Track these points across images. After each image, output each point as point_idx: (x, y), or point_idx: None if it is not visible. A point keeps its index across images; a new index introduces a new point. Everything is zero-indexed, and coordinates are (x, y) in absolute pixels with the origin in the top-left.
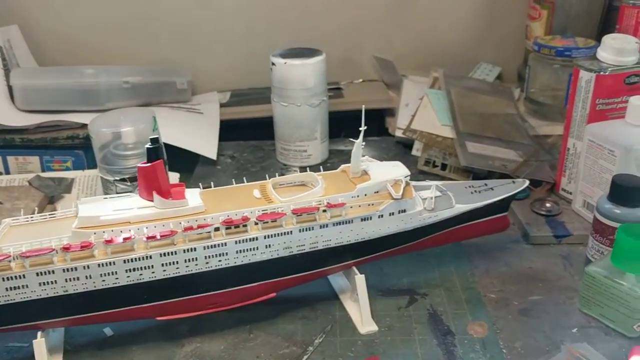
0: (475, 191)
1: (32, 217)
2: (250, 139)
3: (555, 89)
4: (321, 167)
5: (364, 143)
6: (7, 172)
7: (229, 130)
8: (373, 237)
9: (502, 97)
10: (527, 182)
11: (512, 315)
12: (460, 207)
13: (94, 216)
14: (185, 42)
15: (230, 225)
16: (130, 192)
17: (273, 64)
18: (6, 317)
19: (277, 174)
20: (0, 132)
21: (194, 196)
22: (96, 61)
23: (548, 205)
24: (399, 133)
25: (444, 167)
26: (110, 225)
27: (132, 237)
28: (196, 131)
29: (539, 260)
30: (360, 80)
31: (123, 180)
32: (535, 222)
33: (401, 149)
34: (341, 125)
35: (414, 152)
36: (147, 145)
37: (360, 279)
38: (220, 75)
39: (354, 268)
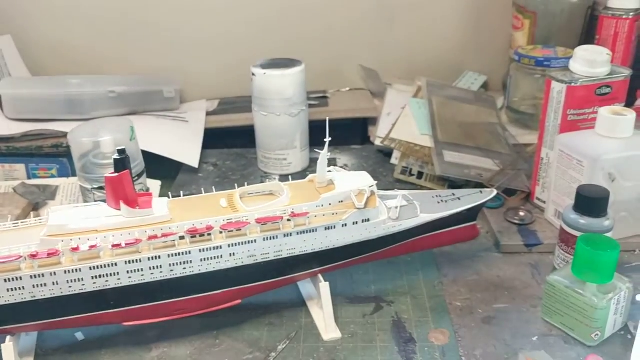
0: (442, 201)
1: (4, 225)
2: (235, 147)
3: (536, 98)
4: (289, 177)
5: (329, 153)
6: None
7: (215, 138)
8: (337, 246)
9: (484, 106)
10: (495, 192)
11: (475, 323)
12: (424, 217)
13: (62, 224)
14: (176, 50)
15: (194, 234)
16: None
17: (253, 74)
18: None
19: (246, 183)
20: None
21: (160, 205)
22: (88, 70)
23: (522, 214)
24: (378, 142)
25: (420, 175)
26: (78, 233)
27: (98, 245)
28: (179, 139)
29: (508, 269)
30: (347, 88)
31: (101, 188)
32: (507, 231)
33: (381, 158)
34: (325, 134)
35: (393, 160)
36: (114, 157)
37: (324, 287)
38: (209, 83)
39: (319, 276)
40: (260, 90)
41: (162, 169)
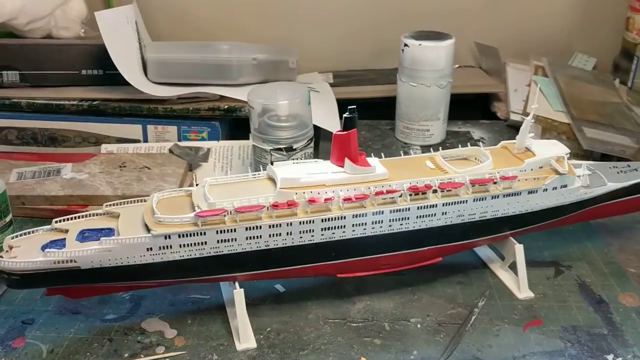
0: (621, 171)
1: (229, 178)
2: (360, 118)
3: None
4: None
5: (533, 121)
6: (145, 140)
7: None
8: (535, 210)
9: (605, 86)
10: None
11: None
12: (611, 185)
13: (294, 178)
14: (290, 23)
15: (415, 192)
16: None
17: (406, 45)
18: (212, 267)
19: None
20: (143, 101)
21: (377, 164)
22: (204, 38)
23: None
24: (513, 117)
25: None
26: (308, 187)
27: (332, 198)
28: (318, 108)
29: None
30: (457, 66)
31: (279, 149)
32: None
33: (514, 133)
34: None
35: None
36: (345, 115)
37: (519, 249)
38: (320, 56)
39: (511, 238)
40: (412, 61)
41: None
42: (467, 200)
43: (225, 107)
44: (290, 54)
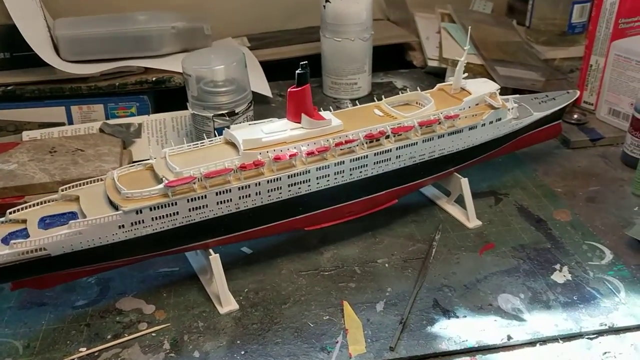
0: (542, 102)
1: (186, 146)
2: (281, 79)
3: (555, 18)
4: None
5: (466, 61)
6: (71, 122)
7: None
8: (475, 144)
9: (505, 27)
10: (577, 93)
11: (582, 202)
12: (537, 115)
13: (256, 139)
14: None
15: (371, 139)
16: (228, 126)
17: (328, 1)
18: (185, 237)
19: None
20: (63, 82)
21: (331, 116)
22: (108, 9)
23: (576, 115)
24: (432, 63)
25: None
26: (270, 145)
27: (296, 153)
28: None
29: (583, 160)
30: None
31: (221, 115)
32: (570, 130)
33: (433, 79)
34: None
35: (447, 80)
36: (298, 71)
37: (465, 182)
38: (230, 21)
39: (456, 174)
40: (335, 17)
41: None
42: (417, 142)
43: (154, 79)
44: (204, 21)
